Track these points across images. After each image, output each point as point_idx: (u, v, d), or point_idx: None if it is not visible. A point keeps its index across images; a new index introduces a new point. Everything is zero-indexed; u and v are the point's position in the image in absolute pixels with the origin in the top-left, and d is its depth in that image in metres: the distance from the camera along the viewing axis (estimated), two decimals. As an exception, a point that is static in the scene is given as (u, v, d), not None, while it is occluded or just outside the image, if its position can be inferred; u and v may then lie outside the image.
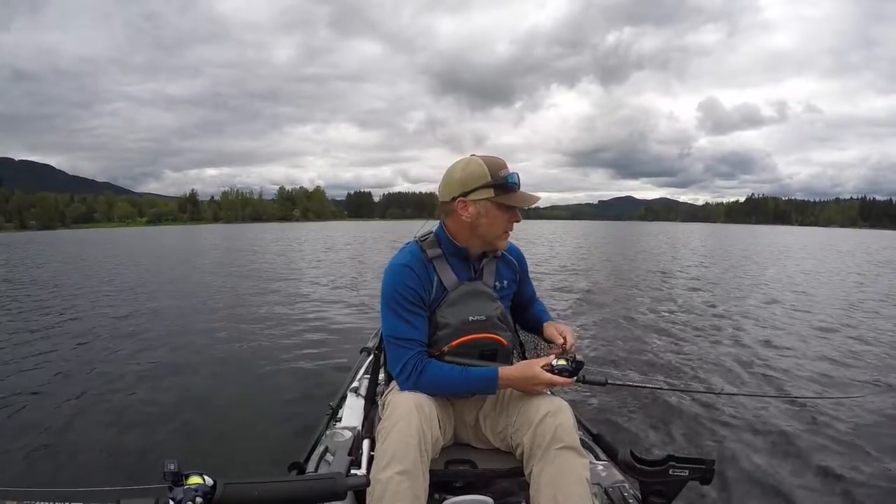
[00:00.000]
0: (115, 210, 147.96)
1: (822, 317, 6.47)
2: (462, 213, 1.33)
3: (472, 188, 1.31)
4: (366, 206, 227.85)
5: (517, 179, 1.32)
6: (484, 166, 1.31)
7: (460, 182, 1.32)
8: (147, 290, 9.04)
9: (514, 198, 1.32)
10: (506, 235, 1.39)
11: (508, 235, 1.41)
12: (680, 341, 5.06)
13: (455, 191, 1.33)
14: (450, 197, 1.34)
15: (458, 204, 1.32)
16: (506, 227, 1.37)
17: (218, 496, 0.71)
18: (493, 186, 1.30)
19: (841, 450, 2.67)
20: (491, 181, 1.30)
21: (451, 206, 1.34)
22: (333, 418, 1.85)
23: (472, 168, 1.32)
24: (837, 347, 4.84)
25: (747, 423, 2.98)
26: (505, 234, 1.39)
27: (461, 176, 1.32)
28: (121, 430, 2.96)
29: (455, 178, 1.33)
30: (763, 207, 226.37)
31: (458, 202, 1.32)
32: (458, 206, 1.33)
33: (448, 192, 1.35)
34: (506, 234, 1.39)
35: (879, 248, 25.60)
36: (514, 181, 1.31)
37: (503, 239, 1.39)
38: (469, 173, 1.31)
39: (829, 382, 3.78)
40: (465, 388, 1.31)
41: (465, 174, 1.32)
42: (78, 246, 26.69)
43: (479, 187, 1.30)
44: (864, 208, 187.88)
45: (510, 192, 1.32)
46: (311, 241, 28.20)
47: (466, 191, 1.31)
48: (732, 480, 2.37)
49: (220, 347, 4.91)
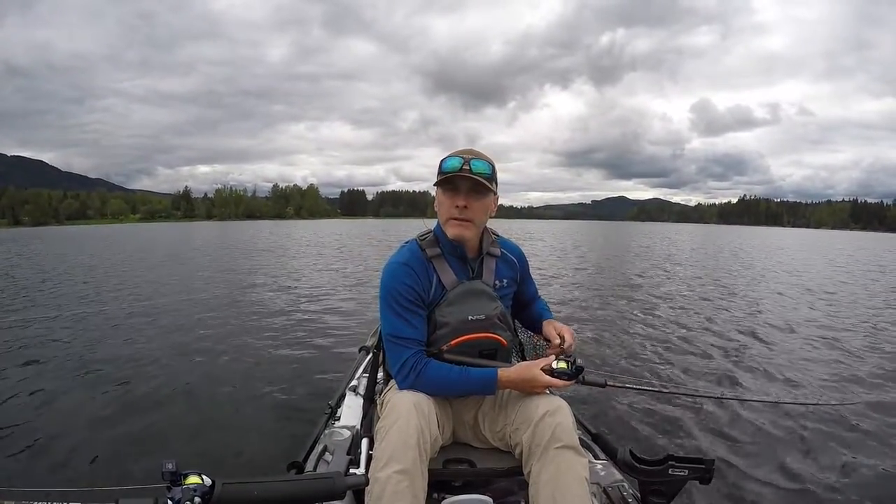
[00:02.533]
0: (108, 207, 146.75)
1: (820, 318, 6.51)
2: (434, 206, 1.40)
3: (436, 180, 1.36)
4: (359, 204, 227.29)
5: (457, 163, 1.30)
6: (445, 157, 1.35)
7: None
8: (144, 288, 8.97)
9: (445, 179, 1.32)
10: (454, 222, 1.33)
11: (459, 222, 1.33)
12: (679, 342, 5.07)
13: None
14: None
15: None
16: (450, 213, 1.33)
17: (216, 496, 0.70)
18: (438, 174, 1.34)
19: (840, 452, 2.68)
20: (439, 170, 1.34)
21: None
22: (332, 417, 1.85)
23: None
24: (836, 350, 4.85)
25: (747, 426, 2.97)
26: (452, 222, 1.33)
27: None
28: (119, 430, 2.93)
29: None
30: (755, 209, 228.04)
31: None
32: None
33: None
34: (454, 222, 1.33)
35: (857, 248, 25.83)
36: (449, 164, 1.32)
37: (452, 226, 1.34)
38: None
39: (828, 387, 3.77)
40: (463, 389, 1.30)
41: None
42: (74, 242, 26.44)
43: (438, 177, 1.35)
44: (856, 210, 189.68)
45: (445, 173, 1.32)
46: (307, 239, 28.08)
47: (435, 183, 1.37)
48: (732, 480, 2.38)
49: (218, 346, 4.87)
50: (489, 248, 1.44)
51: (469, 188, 1.31)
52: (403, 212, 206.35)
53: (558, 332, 1.45)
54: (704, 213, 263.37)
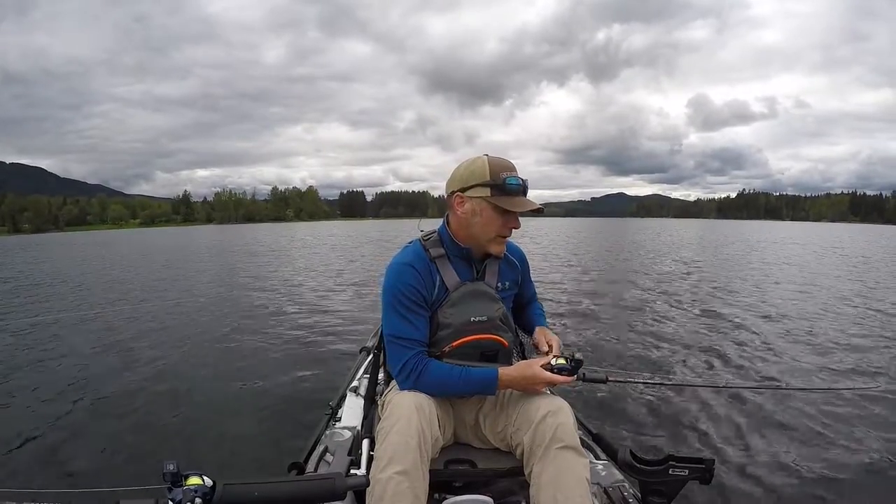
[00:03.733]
0: (108, 212, 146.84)
1: (819, 307, 6.53)
2: (458, 209, 1.33)
3: (470, 185, 1.31)
4: (358, 205, 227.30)
5: (520, 183, 1.29)
6: (487, 166, 1.30)
7: (461, 178, 1.33)
8: (145, 290, 9.00)
9: (508, 200, 1.29)
10: (500, 240, 1.35)
11: (504, 241, 1.36)
12: (679, 335, 5.07)
13: (455, 185, 1.34)
14: (449, 191, 1.35)
15: (455, 198, 1.33)
16: (500, 231, 1.33)
17: (217, 497, 0.71)
18: (490, 186, 1.28)
19: (845, 444, 2.64)
20: (489, 181, 1.28)
21: (450, 200, 1.35)
22: (333, 418, 1.84)
23: (476, 166, 1.31)
24: (838, 337, 4.84)
25: (748, 418, 2.96)
26: (499, 239, 1.35)
27: (464, 172, 1.33)
28: (120, 431, 2.95)
29: (459, 173, 1.34)
30: (754, 203, 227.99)
31: (456, 196, 1.33)
32: (455, 201, 1.33)
33: (450, 186, 1.36)
34: (500, 239, 1.35)
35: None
36: (513, 183, 1.28)
37: (497, 243, 1.35)
38: (472, 171, 1.31)
39: (833, 373, 3.71)
40: (464, 389, 1.30)
41: (468, 171, 1.32)
42: (78, 248, 26.45)
43: (477, 185, 1.30)
44: (855, 203, 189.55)
45: (508, 195, 1.29)
46: (308, 241, 28.07)
47: (465, 186, 1.31)
48: (732, 480, 2.36)
49: (219, 347, 4.89)
50: None
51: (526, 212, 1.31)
52: (403, 212, 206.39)
53: (548, 340, 1.44)
54: (704, 208, 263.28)
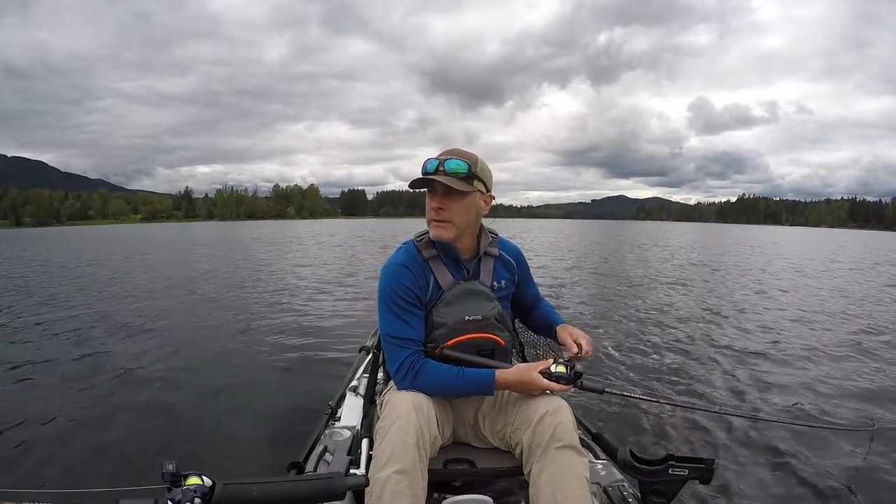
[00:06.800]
0: (109, 207, 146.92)
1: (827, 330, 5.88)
2: None
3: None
4: (359, 203, 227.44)
5: (432, 165, 1.31)
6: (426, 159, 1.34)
7: None
8: (145, 288, 8.95)
9: (421, 181, 1.32)
10: (433, 223, 1.34)
11: (437, 223, 1.33)
12: (679, 349, 4.85)
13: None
14: None
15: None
16: (429, 214, 1.35)
17: (217, 496, 0.70)
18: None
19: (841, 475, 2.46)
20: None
21: None
22: (332, 417, 1.85)
23: None
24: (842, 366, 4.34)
25: (745, 440, 2.84)
26: (432, 222, 1.34)
27: None
28: (119, 431, 2.93)
29: None
30: (754, 207, 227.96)
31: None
32: None
33: None
34: (433, 222, 1.34)
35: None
36: (426, 166, 1.33)
37: (432, 227, 1.35)
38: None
39: (835, 407, 3.39)
40: (461, 389, 1.30)
41: None
42: (83, 243, 26.41)
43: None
44: (854, 209, 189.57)
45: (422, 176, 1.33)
46: (309, 239, 28.04)
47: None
48: (732, 480, 2.35)
49: (218, 347, 4.87)
50: (487, 249, 1.43)
51: (444, 190, 1.30)
52: (403, 212, 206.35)
53: (575, 338, 1.42)
54: (704, 212, 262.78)
